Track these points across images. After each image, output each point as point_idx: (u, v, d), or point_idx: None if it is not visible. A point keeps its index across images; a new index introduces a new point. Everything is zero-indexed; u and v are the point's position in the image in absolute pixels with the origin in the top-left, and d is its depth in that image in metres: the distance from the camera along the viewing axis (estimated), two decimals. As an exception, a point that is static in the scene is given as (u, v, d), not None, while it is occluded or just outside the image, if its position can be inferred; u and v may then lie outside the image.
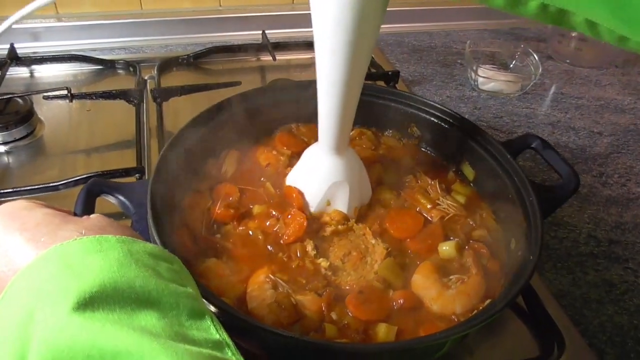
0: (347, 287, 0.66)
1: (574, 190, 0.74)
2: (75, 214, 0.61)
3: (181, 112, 1.10)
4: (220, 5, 1.39)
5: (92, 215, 0.53)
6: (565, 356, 0.70)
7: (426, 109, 0.86)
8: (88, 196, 0.65)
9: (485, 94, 1.27)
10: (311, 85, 0.89)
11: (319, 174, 0.73)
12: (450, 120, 0.84)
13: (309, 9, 0.59)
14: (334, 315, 0.61)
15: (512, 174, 0.75)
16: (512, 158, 0.77)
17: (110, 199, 0.68)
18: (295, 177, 0.76)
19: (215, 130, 0.81)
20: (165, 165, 0.71)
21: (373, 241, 0.70)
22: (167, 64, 1.23)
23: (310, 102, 0.89)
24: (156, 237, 0.59)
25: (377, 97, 0.88)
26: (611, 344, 0.76)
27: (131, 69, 1.22)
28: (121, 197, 0.67)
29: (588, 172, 1.07)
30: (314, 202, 0.74)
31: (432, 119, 0.86)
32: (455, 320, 0.64)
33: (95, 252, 0.40)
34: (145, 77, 1.20)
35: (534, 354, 0.71)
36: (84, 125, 1.07)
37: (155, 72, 1.18)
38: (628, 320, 0.79)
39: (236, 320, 0.53)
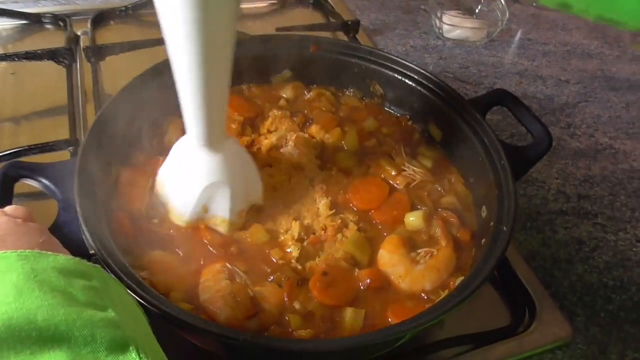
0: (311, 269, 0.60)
1: (546, 150, 0.69)
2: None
3: (121, 72, 0.99)
4: (159, -52, 1.25)
5: None
6: (537, 323, 0.67)
7: (389, 64, 0.79)
8: (3, 184, 0.56)
9: (450, 42, 1.20)
10: (269, 40, 0.81)
11: (190, 175, 0.60)
12: (415, 77, 0.77)
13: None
14: (297, 305, 0.56)
15: (482, 134, 0.70)
16: (482, 117, 0.71)
17: (32, 183, 0.59)
18: (164, 178, 0.63)
19: (156, 95, 0.71)
20: (97, 140, 0.62)
21: (338, 220, 0.64)
22: (102, 17, 1.10)
23: (265, 59, 0.81)
24: (84, 229, 0.52)
25: (336, 52, 0.80)
26: (581, 305, 0.74)
27: (61, 24, 1.09)
28: (45, 181, 0.59)
29: (556, 124, 1.03)
30: (186, 209, 0.61)
31: (396, 75, 0.79)
32: (425, 298, 0.59)
33: None
34: (78, 33, 1.07)
35: (505, 321, 0.68)
36: (8, 90, 0.95)
37: (89, 26, 1.05)
38: (597, 278, 0.77)
39: (176, 320, 0.47)
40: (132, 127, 0.69)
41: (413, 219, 0.65)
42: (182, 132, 0.72)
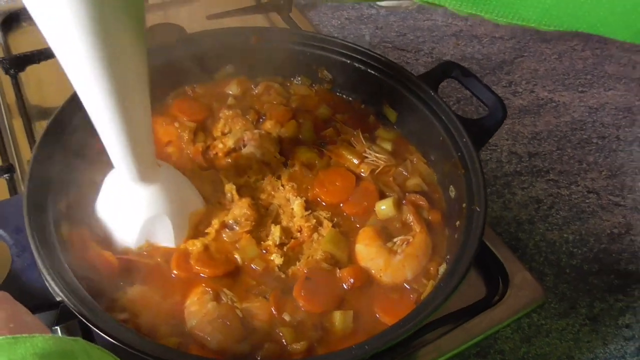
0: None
1: (502, 119, 0.70)
2: None
3: (45, 80, 0.91)
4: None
5: None
6: (510, 290, 0.69)
7: (335, 48, 0.76)
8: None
9: (384, 10, 1.18)
10: (207, 36, 0.76)
11: (126, 211, 0.56)
12: (363, 59, 0.75)
13: None
14: (286, 317, 0.54)
15: (438, 111, 0.70)
16: (434, 92, 0.71)
17: (-25, 230, 0.54)
18: (101, 213, 0.59)
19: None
20: (41, 171, 0.57)
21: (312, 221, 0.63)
22: (12, 19, 1.00)
23: (205, 56, 0.77)
24: (46, 275, 0.48)
25: (279, 41, 0.77)
26: (548, 264, 0.77)
27: (-35, 31, 0.98)
28: (-10, 226, 0.53)
29: (498, 83, 1.05)
30: (129, 244, 0.58)
31: (343, 59, 0.76)
32: (408, 288, 0.60)
33: None
34: (-12, 41, 0.97)
35: (481, 294, 0.70)
36: None
37: (-1, 32, 0.96)
38: (559, 235, 0.80)
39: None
40: (78, 143, 0.63)
41: (384, 208, 0.65)
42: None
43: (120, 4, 0.38)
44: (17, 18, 1.01)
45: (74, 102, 0.63)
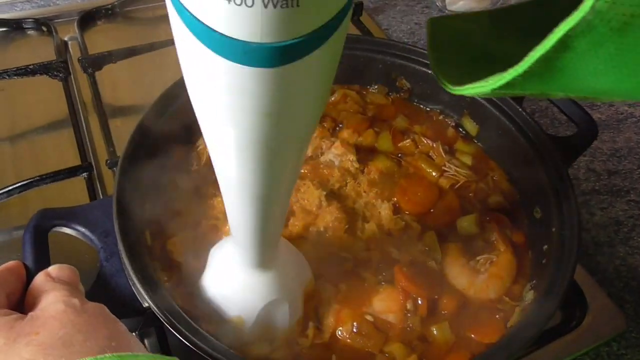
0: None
1: (592, 138, 0.67)
2: (25, 267, 0.48)
3: (120, 79, 0.93)
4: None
5: (42, 295, 0.40)
6: (589, 316, 0.66)
7: (412, 56, 0.75)
8: (36, 237, 0.51)
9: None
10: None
11: (243, 297, 0.52)
12: (445, 68, 0.73)
13: None
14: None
15: (524, 127, 0.67)
16: (519, 106, 0.68)
17: (67, 231, 0.55)
18: (207, 293, 0.54)
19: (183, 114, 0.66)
20: (127, 179, 0.57)
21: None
22: (88, 18, 1.03)
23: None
24: (135, 282, 0.48)
25: (356, 48, 0.75)
26: (629, 290, 0.73)
27: (44, 29, 1.01)
28: (80, 228, 0.54)
29: (574, 95, 1.01)
30: (245, 328, 0.52)
31: (421, 67, 0.74)
32: (493, 307, 0.58)
33: None
34: (65, 38, 1.00)
35: (557, 319, 0.67)
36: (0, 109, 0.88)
37: (77, 30, 0.98)
38: (641, 259, 0.77)
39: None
40: (162, 156, 0.64)
41: (466, 225, 0.63)
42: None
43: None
44: (93, 16, 1.03)
45: (158, 105, 0.65)
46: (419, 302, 0.57)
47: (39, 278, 0.46)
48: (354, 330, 0.55)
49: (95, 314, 0.40)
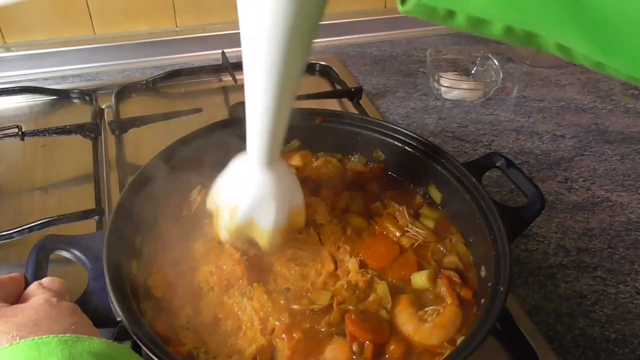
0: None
1: (539, 210, 0.74)
2: (25, 279, 0.58)
3: (142, 142, 1.07)
4: (177, 26, 1.36)
5: (31, 297, 0.49)
6: (541, 377, 0.70)
7: (390, 132, 0.85)
8: (39, 255, 0.62)
9: (449, 103, 1.27)
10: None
11: (245, 188, 0.68)
12: (413, 143, 0.83)
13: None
14: None
15: (478, 197, 0.75)
16: (477, 180, 0.77)
17: (65, 254, 0.65)
18: (219, 189, 0.72)
19: (182, 167, 0.78)
20: (123, 214, 0.68)
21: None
22: (125, 91, 1.19)
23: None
24: (112, 298, 0.57)
25: (340, 123, 0.87)
26: (585, 359, 0.76)
27: (87, 98, 1.18)
28: (76, 252, 0.65)
29: (554, 179, 1.08)
30: (234, 220, 0.69)
31: (396, 143, 0.84)
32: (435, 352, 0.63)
33: None
34: (103, 106, 1.16)
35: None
36: (39, 162, 1.03)
37: (113, 100, 1.14)
38: (600, 332, 0.80)
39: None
40: (158, 200, 0.75)
41: (419, 279, 0.70)
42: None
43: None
44: (129, 90, 1.20)
45: (157, 160, 0.76)
46: (366, 345, 0.63)
47: (33, 286, 0.56)
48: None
49: (66, 308, 0.49)
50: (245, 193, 0.68)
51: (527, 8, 0.32)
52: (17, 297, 0.55)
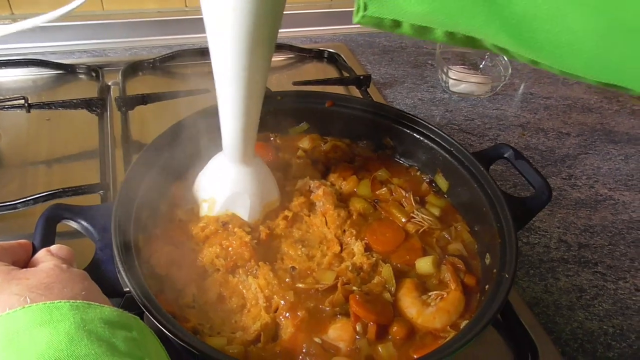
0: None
1: (546, 201, 0.74)
2: (33, 246, 0.58)
3: (148, 120, 1.06)
4: (186, 6, 1.35)
5: (40, 263, 0.49)
6: (539, 366, 0.70)
7: (399, 119, 0.85)
8: (47, 224, 0.61)
9: (456, 96, 1.27)
10: (289, 96, 0.88)
11: (221, 183, 0.72)
12: (423, 131, 0.83)
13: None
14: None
15: (485, 186, 0.75)
16: (485, 169, 0.77)
17: (72, 224, 0.65)
18: (199, 184, 0.76)
19: (184, 147, 0.78)
20: (131, 187, 0.68)
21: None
22: (132, 69, 1.18)
23: (285, 113, 0.87)
24: (120, 268, 0.57)
25: (350, 107, 0.87)
26: (582, 352, 0.77)
27: (93, 74, 1.17)
28: (83, 223, 0.64)
29: (557, 175, 1.09)
30: (217, 206, 0.73)
31: (406, 129, 0.85)
32: (437, 335, 0.64)
33: (44, 323, 0.37)
34: (109, 83, 1.15)
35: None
36: (43, 135, 1.02)
37: (120, 77, 1.13)
38: (598, 326, 0.80)
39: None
40: (167, 173, 0.75)
41: (424, 264, 0.70)
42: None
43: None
44: (136, 68, 1.19)
45: (165, 137, 0.76)
46: (370, 326, 0.63)
47: (41, 252, 0.55)
48: (304, 350, 0.61)
49: (77, 274, 0.49)
50: (222, 188, 0.72)
51: (454, 14, 0.35)
52: (24, 264, 0.55)
